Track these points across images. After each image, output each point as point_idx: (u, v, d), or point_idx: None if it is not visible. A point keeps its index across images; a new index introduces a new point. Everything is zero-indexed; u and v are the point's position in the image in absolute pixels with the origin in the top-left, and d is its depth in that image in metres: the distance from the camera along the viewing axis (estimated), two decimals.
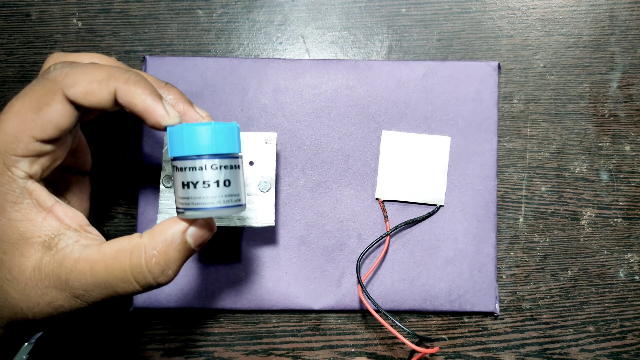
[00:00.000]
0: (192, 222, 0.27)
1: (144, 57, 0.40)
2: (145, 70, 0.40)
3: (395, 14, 0.43)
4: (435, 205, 0.40)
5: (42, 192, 0.27)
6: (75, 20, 0.42)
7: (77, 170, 0.33)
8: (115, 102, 0.26)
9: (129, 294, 0.26)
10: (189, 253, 0.27)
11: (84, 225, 0.28)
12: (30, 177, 0.26)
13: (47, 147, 0.26)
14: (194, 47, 0.42)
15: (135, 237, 0.27)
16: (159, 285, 0.27)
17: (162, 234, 0.26)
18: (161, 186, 0.34)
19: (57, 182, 0.32)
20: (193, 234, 0.27)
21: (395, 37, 0.42)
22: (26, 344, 0.30)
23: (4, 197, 0.25)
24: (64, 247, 0.26)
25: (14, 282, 0.26)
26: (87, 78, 0.26)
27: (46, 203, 0.27)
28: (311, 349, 0.41)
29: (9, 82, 0.42)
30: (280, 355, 0.41)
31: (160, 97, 0.26)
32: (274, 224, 0.36)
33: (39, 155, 0.26)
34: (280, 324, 0.41)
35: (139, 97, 0.26)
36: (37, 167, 0.26)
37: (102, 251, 0.26)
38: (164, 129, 0.26)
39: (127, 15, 0.42)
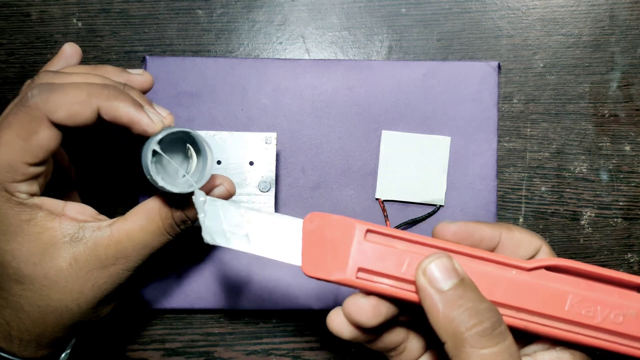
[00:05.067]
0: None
1: (144, 57, 0.40)
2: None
3: (395, 14, 0.43)
4: (435, 205, 0.40)
5: (50, 202, 0.29)
6: (75, 20, 0.42)
7: (66, 186, 0.35)
8: (99, 117, 0.27)
9: (163, 246, 0.30)
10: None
11: (95, 215, 0.30)
12: (33, 195, 0.28)
13: (40, 168, 0.28)
14: (194, 47, 0.42)
15: (151, 199, 0.30)
16: (182, 230, 0.31)
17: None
18: None
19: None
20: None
21: (395, 37, 0.42)
22: (63, 355, 0.32)
23: (18, 218, 0.28)
24: (92, 233, 0.29)
25: (54, 285, 0.28)
26: (68, 100, 0.27)
27: (57, 209, 0.29)
28: (311, 349, 0.41)
29: (9, 82, 0.42)
30: (281, 355, 0.41)
31: (141, 107, 0.28)
32: None
33: (35, 176, 0.28)
34: (280, 324, 0.41)
35: (122, 111, 0.27)
36: (36, 186, 0.28)
37: (131, 218, 0.29)
38: (150, 135, 0.28)
39: (127, 15, 0.42)
